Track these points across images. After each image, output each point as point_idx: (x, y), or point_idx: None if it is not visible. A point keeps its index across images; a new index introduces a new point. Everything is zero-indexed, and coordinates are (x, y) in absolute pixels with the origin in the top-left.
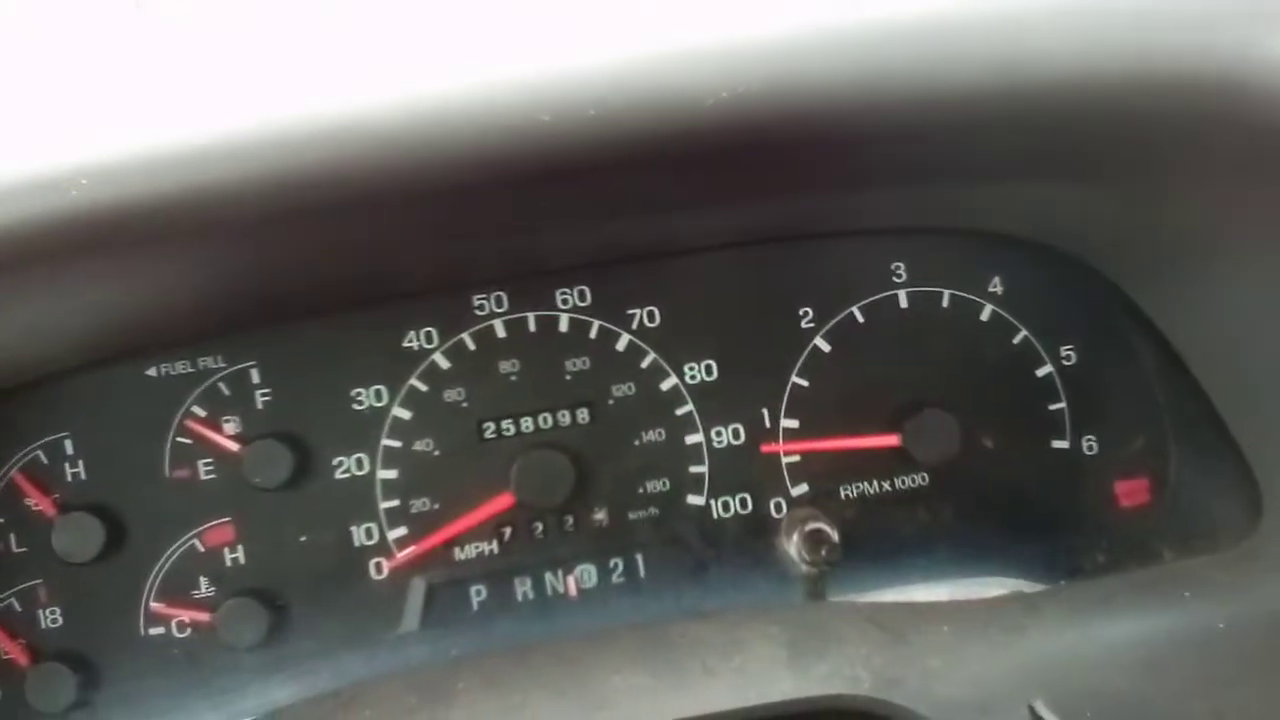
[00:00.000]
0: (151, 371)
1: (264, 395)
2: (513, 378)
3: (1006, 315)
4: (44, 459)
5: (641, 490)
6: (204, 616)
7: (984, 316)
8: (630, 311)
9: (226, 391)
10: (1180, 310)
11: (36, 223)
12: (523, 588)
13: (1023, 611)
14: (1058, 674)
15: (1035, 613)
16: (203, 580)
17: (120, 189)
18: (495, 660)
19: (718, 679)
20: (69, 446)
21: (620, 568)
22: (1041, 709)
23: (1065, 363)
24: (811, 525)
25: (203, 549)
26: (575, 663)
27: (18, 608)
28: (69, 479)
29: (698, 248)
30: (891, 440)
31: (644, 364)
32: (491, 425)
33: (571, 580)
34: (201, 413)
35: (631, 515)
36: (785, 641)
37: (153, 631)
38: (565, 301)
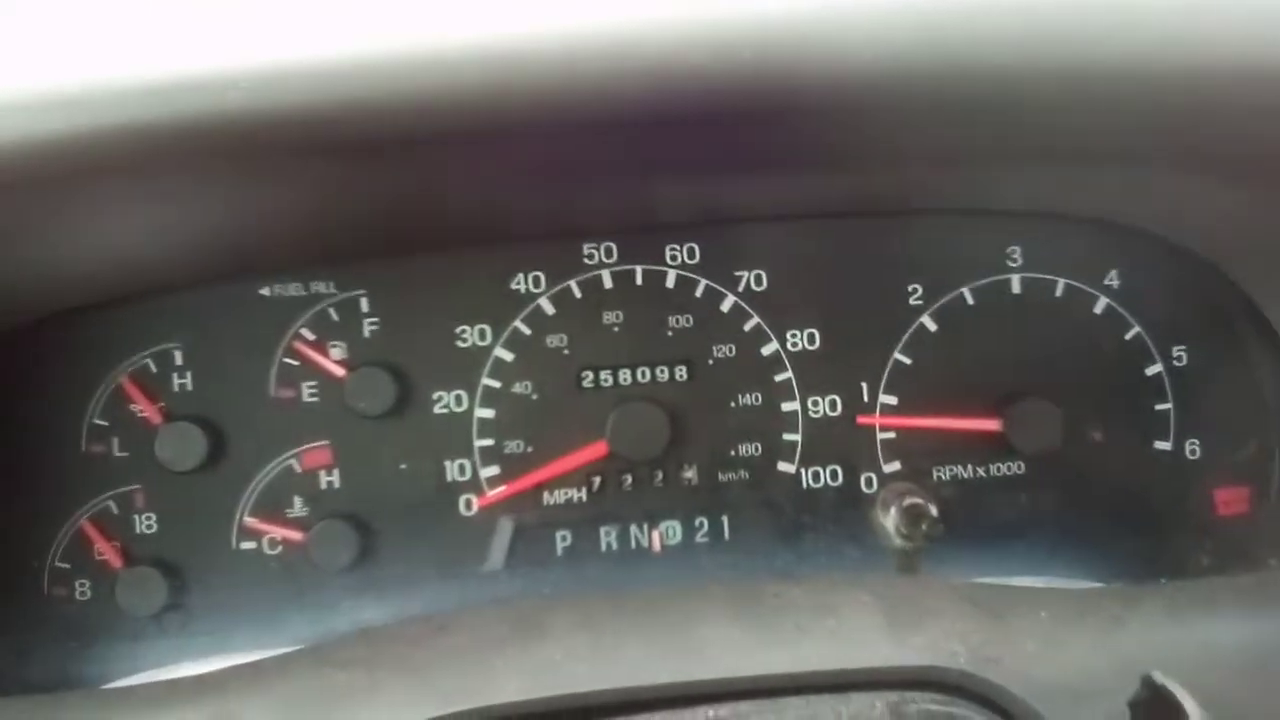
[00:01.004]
0: (265, 291)
1: (371, 324)
2: (615, 329)
3: (1121, 310)
4: (153, 367)
5: (733, 453)
6: (296, 535)
7: (1098, 309)
8: (738, 273)
9: (335, 317)
10: None
11: (190, 123)
12: (608, 538)
13: (1122, 604)
14: (1157, 669)
15: (1135, 606)
16: (297, 500)
17: (277, 97)
18: (588, 601)
19: (811, 640)
20: (178, 357)
21: (705, 527)
22: (1160, 677)
23: (1176, 363)
24: (910, 500)
25: (299, 469)
26: (667, 610)
27: (115, 510)
28: (176, 389)
29: (811, 214)
30: (992, 425)
31: (747, 327)
32: (590, 374)
33: (656, 535)
34: (310, 336)
35: (721, 476)
36: (880, 609)
37: (244, 546)
38: (674, 258)
